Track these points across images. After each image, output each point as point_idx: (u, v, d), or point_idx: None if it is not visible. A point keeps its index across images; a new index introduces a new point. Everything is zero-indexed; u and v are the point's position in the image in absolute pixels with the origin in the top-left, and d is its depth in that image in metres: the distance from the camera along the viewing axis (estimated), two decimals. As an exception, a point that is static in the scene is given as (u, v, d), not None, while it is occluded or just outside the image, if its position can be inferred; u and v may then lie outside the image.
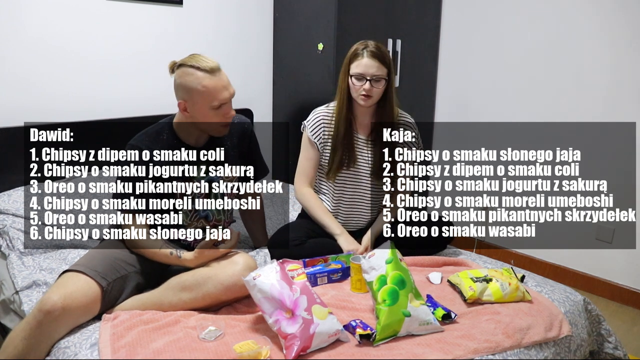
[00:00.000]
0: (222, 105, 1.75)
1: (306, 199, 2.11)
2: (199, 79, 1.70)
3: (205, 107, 1.73)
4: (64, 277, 1.61)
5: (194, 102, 1.73)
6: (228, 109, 1.77)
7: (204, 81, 1.70)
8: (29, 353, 1.51)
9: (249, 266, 1.65)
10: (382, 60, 1.95)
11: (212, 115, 1.75)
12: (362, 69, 1.95)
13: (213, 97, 1.72)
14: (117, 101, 2.67)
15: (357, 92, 1.98)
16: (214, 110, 1.74)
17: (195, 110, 1.75)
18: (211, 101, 1.72)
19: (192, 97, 1.72)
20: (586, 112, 2.81)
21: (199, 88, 1.70)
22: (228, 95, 1.75)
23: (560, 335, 1.63)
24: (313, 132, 2.09)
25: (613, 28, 2.71)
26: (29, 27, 2.40)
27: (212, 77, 1.70)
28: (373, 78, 1.95)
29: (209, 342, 1.48)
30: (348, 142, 2.06)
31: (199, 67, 1.70)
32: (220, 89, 1.72)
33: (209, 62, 1.72)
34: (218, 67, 1.73)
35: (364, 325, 1.52)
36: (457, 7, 3.32)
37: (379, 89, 1.97)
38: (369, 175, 2.09)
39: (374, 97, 1.99)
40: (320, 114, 2.11)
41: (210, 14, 2.97)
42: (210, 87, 1.70)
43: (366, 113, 2.07)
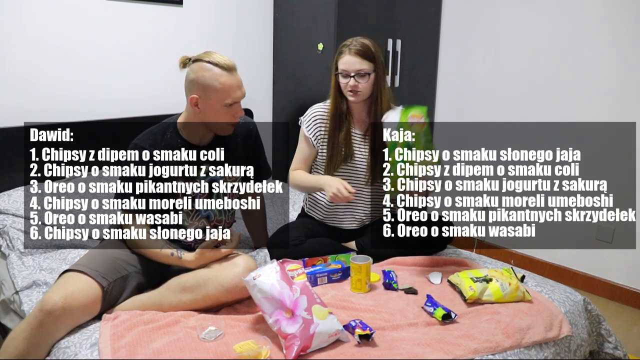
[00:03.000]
0: (234, 104, 1.76)
1: (294, 176, 2.12)
2: (216, 76, 1.71)
3: (219, 104, 1.74)
4: (64, 277, 1.61)
5: (207, 97, 1.74)
6: (238, 109, 1.79)
7: (222, 78, 1.71)
8: (29, 353, 1.51)
9: (249, 268, 1.65)
10: (364, 56, 1.97)
11: (223, 113, 1.76)
12: (345, 65, 1.98)
13: (228, 94, 1.72)
14: (117, 101, 2.67)
15: (345, 89, 2.01)
16: (225, 107, 1.75)
17: (207, 107, 1.75)
18: (225, 98, 1.73)
19: (206, 92, 1.73)
20: (586, 112, 2.81)
21: (216, 84, 1.71)
22: (241, 95, 1.77)
23: (560, 336, 1.63)
24: (309, 128, 2.10)
25: (613, 28, 2.71)
26: (29, 27, 2.40)
27: (230, 75, 1.72)
28: (357, 74, 1.97)
29: (209, 342, 1.48)
30: (345, 138, 2.07)
31: (218, 63, 1.71)
32: (236, 88, 1.74)
33: (227, 60, 1.74)
34: (234, 66, 1.75)
35: (364, 326, 1.52)
36: (457, 7, 3.32)
37: (364, 84, 1.99)
38: (365, 171, 2.09)
39: (361, 93, 2.00)
40: (316, 110, 2.12)
41: (210, 14, 2.97)
42: (227, 85, 1.72)
43: (361, 109, 2.09)
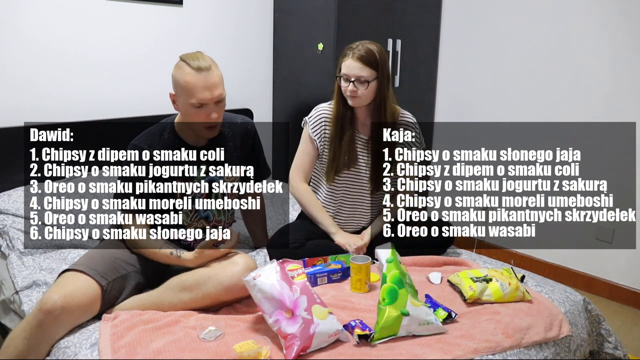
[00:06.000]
0: (204, 106, 1.73)
1: (301, 195, 2.10)
2: (183, 74, 1.71)
3: (186, 103, 1.73)
4: (64, 277, 1.61)
5: (178, 95, 1.75)
6: (210, 110, 1.74)
7: (187, 77, 1.70)
8: (29, 353, 1.51)
9: (249, 267, 1.65)
10: (367, 63, 1.94)
11: (193, 113, 1.74)
12: (346, 69, 1.96)
13: (192, 94, 1.71)
14: (117, 101, 2.67)
15: (344, 92, 1.99)
16: (194, 108, 1.73)
17: (180, 105, 1.77)
18: (190, 98, 1.71)
19: (177, 91, 1.75)
20: (586, 112, 2.81)
21: (182, 83, 1.71)
22: (209, 97, 1.71)
23: (560, 335, 1.63)
24: (314, 129, 2.08)
25: (613, 28, 2.71)
26: (29, 27, 2.40)
27: (197, 74, 1.70)
28: (357, 80, 1.94)
29: (209, 342, 1.48)
30: (349, 142, 2.05)
31: (189, 63, 1.71)
32: (201, 88, 1.70)
33: (201, 61, 1.71)
34: (207, 67, 1.71)
35: (363, 326, 1.52)
36: (457, 7, 3.32)
37: (364, 90, 1.96)
38: (368, 177, 2.08)
39: (361, 98, 1.98)
40: (321, 111, 2.10)
41: (210, 14, 2.97)
42: (191, 84, 1.70)
43: (365, 113, 2.06)
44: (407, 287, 1.59)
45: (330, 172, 2.07)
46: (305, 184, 2.12)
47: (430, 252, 2.05)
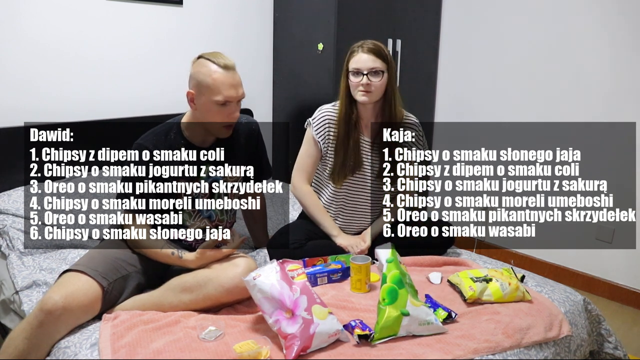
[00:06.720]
0: (227, 104, 1.74)
1: (304, 197, 2.10)
2: (210, 72, 1.71)
3: (210, 101, 1.73)
4: (64, 277, 1.61)
5: (201, 94, 1.74)
6: (233, 109, 1.77)
7: (214, 74, 1.71)
8: (30, 353, 1.51)
9: (250, 269, 1.64)
10: (378, 54, 1.94)
11: (215, 111, 1.75)
12: (357, 64, 1.95)
13: (219, 91, 1.72)
14: (117, 101, 2.67)
15: (356, 88, 1.96)
16: (217, 106, 1.74)
17: (200, 104, 1.75)
18: (216, 95, 1.72)
19: (200, 88, 1.74)
20: (586, 112, 2.81)
21: (208, 80, 1.71)
22: (234, 94, 1.74)
23: (560, 335, 1.63)
24: (318, 131, 2.06)
25: (613, 28, 2.71)
26: (29, 27, 2.40)
27: (225, 72, 1.72)
28: (370, 72, 1.94)
29: (209, 342, 1.48)
30: (354, 145, 2.04)
31: (214, 61, 1.72)
32: (228, 86, 1.73)
33: (227, 59, 1.74)
34: (233, 66, 1.75)
35: (363, 326, 1.52)
36: (457, 7, 3.32)
37: (377, 82, 1.95)
38: (373, 179, 2.08)
39: (373, 93, 1.96)
40: (325, 112, 2.08)
41: (210, 14, 2.97)
42: (219, 81, 1.71)
43: (370, 114, 2.05)
44: (407, 287, 1.59)
45: (340, 175, 2.05)
46: (309, 185, 2.12)
47: (430, 252, 2.04)
